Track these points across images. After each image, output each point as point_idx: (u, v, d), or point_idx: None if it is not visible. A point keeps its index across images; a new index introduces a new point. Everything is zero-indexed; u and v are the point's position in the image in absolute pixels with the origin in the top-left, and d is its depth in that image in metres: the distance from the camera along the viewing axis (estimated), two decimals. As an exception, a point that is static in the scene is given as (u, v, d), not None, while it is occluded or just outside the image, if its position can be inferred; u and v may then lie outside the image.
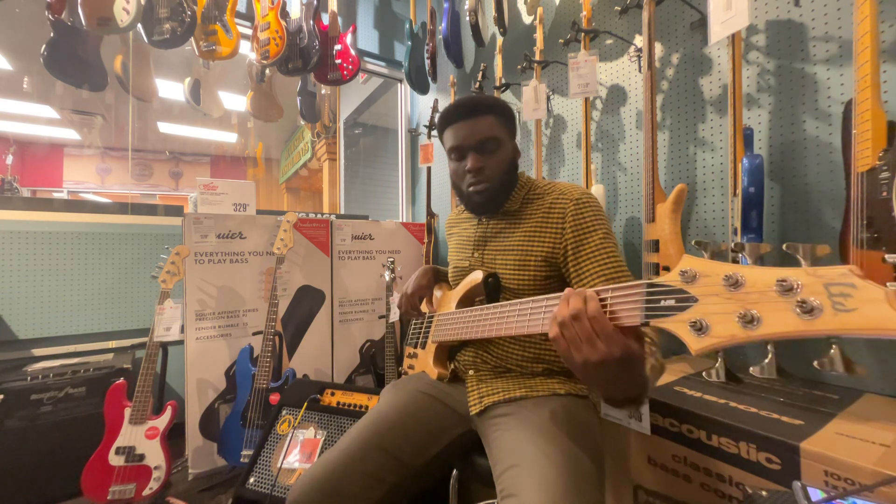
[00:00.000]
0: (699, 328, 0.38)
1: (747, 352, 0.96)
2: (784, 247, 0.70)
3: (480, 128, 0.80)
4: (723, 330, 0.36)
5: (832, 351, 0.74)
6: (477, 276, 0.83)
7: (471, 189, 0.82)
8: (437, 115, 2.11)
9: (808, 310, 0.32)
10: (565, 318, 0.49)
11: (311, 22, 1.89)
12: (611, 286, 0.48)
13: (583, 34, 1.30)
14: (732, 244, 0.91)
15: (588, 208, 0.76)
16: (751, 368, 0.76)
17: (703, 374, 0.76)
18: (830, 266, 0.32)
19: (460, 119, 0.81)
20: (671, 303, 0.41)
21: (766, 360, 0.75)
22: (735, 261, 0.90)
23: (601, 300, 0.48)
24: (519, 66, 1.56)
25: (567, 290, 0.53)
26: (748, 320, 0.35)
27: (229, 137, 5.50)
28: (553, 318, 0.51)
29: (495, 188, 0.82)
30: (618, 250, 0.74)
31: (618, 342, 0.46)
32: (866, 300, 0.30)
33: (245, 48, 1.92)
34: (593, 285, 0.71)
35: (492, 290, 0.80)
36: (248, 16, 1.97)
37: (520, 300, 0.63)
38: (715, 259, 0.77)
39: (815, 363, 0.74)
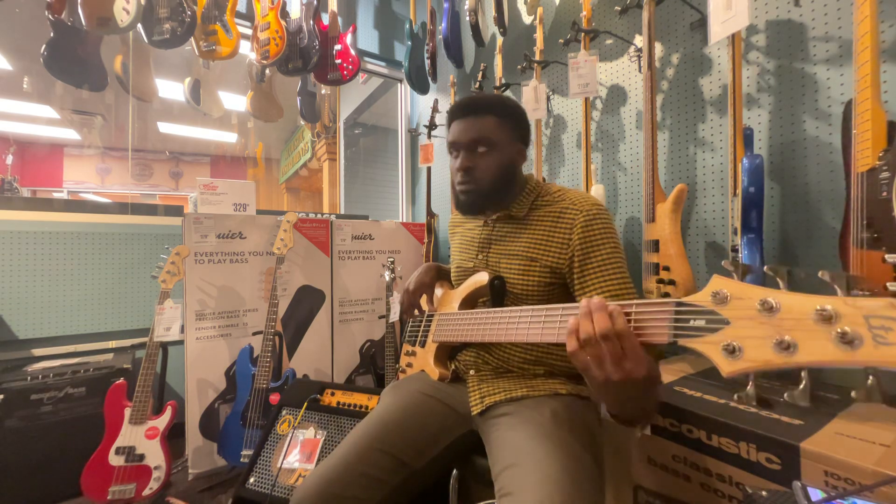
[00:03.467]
0: (732, 351, 0.37)
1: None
2: (820, 274, 0.69)
3: (476, 127, 0.79)
4: (757, 354, 0.36)
5: (870, 382, 0.71)
6: (482, 277, 0.82)
7: (459, 188, 0.82)
8: (438, 114, 2.11)
9: (847, 340, 0.32)
10: (591, 335, 0.47)
11: (311, 22, 1.89)
12: (636, 301, 0.47)
13: (583, 34, 1.30)
14: (733, 244, 0.91)
15: (598, 222, 0.75)
16: (784, 395, 0.76)
17: (735, 396, 0.75)
18: (871, 297, 0.32)
19: (461, 116, 0.81)
20: (701, 323, 0.41)
21: (801, 387, 0.74)
22: (735, 260, 0.90)
23: (626, 314, 0.47)
24: (519, 66, 1.56)
25: (585, 302, 0.50)
26: (784, 346, 0.34)
27: (229, 137, 5.50)
28: (572, 332, 0.49)
29: (481, 191, 0.80)
30: (625, 266, 0.73)
31: (643, 362, 0.45)
32: None
33: (245, 48, 1.92)
34: None
35: (497, 292, 0.79)
36: (248, 16, 1.97)
37: (532, 307, 0.62)
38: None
39: (853, 394, 0.72)
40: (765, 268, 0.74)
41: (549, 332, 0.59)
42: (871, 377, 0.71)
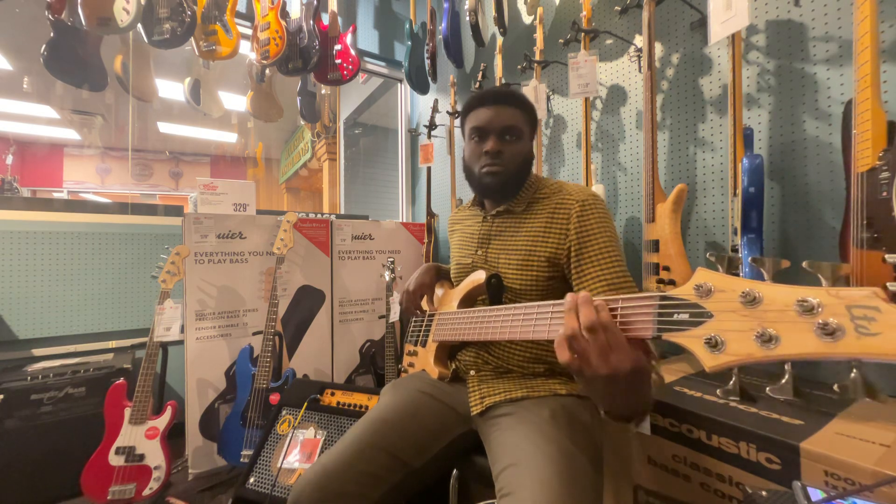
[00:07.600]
0: (714, 345, 0.37)
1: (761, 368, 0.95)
2: (804, 264, 0.68)
3: (506, 115, 0.82)
4: (739, 348, 0.36)
5: (853, 374, 0.71)
6: (479, 276, 0.82)
7: (484, 170, 0.83)
8: (438, 114, 2.11)
9: (829, 332, 0.31)
10: (576, 330, 0.47)
11: (311, 22, 1.89)
12: (621, 296, 0.47)
13: (583, 34, 1.30)
14: (733, 245, 0.91)
15: (593, 211, 0.76)
16: (767, 389, 0.75)
17: (718, 392, 0.75)
18: (853, 287, 0.32)
19: (492, 103, 0.83)
20: (685, 317, 0.40)
21: (784, 381, 0.74)
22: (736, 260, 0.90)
23: (611, 309, 0.47)
24: (519, 66, 1.56)
25: (570, 297, 0.49)
26: (766, 339, 0.34)
27: (229, 137, 5.50)
28: (561, 342, 0.48)
29: (509, 174, 0.83)
30: (621, 255, 0.74)
31: (629, 355, 0.45)
32: (891, 325, 0.29)
33: (245, 48, 1.91)
34: (594, 290, 0.71)
35: (494, 290, 0.80)
36: (248, 16, 1.97)
37: (525, 304, 0.63)
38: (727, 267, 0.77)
39: (836, 387, 0.72)
40: (749, 259, 0.73)
41: (541, 329, 0.59)
42: (854, 370, 0.71)
